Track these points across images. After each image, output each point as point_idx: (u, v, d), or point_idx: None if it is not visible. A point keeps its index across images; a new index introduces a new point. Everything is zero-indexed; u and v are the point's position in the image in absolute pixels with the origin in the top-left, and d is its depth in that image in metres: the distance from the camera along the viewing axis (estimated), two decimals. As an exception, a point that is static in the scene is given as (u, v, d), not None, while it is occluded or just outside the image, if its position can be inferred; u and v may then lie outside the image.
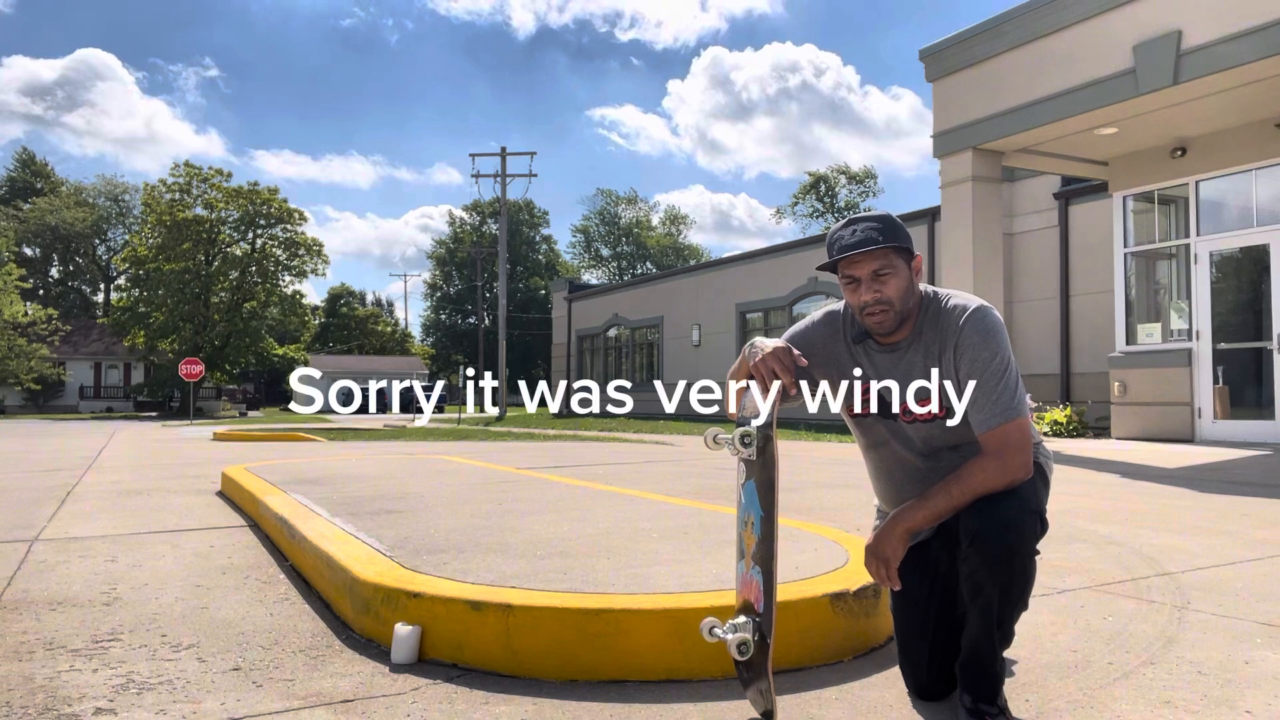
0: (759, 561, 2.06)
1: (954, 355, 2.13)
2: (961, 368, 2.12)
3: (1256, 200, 10.82)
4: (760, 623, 2.05)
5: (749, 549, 2.09)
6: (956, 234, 11.31)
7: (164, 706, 2.23)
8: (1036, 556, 2.05)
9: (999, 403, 2.07)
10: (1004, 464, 2.03)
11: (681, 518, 4.29)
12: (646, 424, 20.30)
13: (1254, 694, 2.24)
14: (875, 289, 2.12)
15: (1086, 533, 4.45)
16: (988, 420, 2.07)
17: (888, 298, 2.12)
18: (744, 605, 2.11)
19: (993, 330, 2.12)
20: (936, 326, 2.16)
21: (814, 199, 63.72)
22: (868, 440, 2.33)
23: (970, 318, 2.12)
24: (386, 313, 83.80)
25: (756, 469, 2.09)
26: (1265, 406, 10.65)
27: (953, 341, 2.13)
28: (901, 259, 2.13)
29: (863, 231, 2.12)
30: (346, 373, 60.79)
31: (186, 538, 4.69)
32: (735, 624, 2.07)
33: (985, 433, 2.07)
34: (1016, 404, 2.07)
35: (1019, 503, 2.02)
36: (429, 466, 7.70)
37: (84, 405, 54.08)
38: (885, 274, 2.12)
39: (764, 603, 2.05)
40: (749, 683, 2.12)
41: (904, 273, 2.14)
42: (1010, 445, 2.04)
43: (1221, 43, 8.66)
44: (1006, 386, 2.08)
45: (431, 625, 2.56)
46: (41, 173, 71.76)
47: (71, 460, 10.60)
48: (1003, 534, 1.99)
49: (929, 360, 2.16)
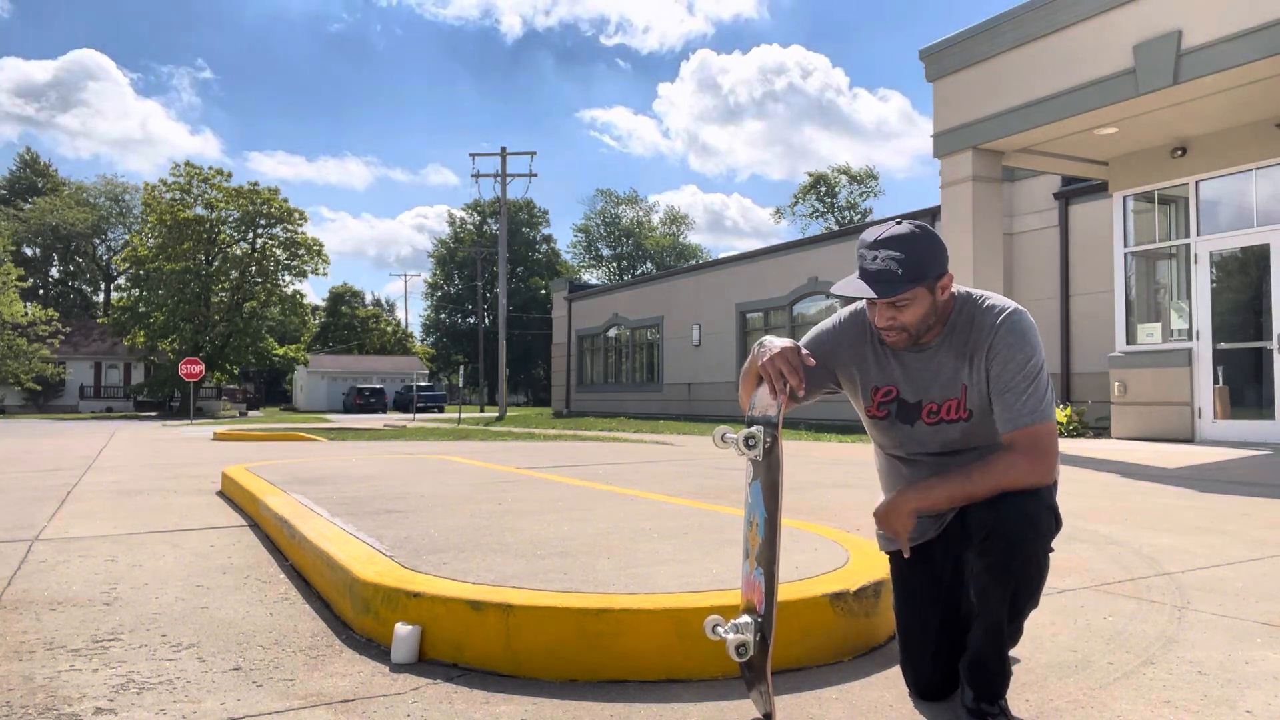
0: (762, 563, 2.05)
1: (986, 356, 2.10)
2: (994, 368, 2.09)
3: (1256, 200, 10.82)
4: (761, 624, 2.05)
5: (753, 549, 2.09)
6: (956, 234, 11.31)
7: (164, 706, 2.23)
8: (1050, 554, 2.03)
9: (1031, 403, 2.04)
10: (1033, 464, 2.01)
11: (682, 517, 4.29)
12: (646, 424, 20.30)
13: (1254, 694, 2.24)
14: (890, 315, 2.09)
15: (1086, 533, 4.45)
16: (1021, 419, 2.04)
17: (902, 324, 2.09)
18: (748, 606, 2.11)
19: (1028, 333, 2.10)
20: (971, 327, 2.13)
21: (814, 199, 63.73)
22: (882, 439, 2.31)
23: (1007, 319, 2.10)
24: (387, 313, 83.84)
25: (762, 470, 2.08)
26: (1265, 406, 10.65)
27: (987, 342, 2.10)
28: (924, 287, 2.06)
29: (883, 262, 2.03)
30: (347, 373, 60.85)
31: (187, 538, 4.69)
32: (737, 624, 2.06)
33: (1017, 430, 2.04)
34: (1046, 407, 2.06)
35: (1036, 499, 2.01)
36: (429, 466, 7.70)
37: (84, 405, 54.08)
38: (903, 304, 2.07)
39: (765, 604, 2.04)
40: (751, 684, 2.11)
41: (924, 300, 2.07)
42: (1041, 446, 2.02)
43: (1222, 43, 8.66)
44: (1039, 389, 2.06)
45: (431, 625, 2.56)
46: (43, 172, 71.78)
47: (71, 460, 10.60)
48: (1020, 530, 1.97)
49: (960, 360, 2.13)
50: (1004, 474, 2.00)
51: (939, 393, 2.15)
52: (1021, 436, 2.03)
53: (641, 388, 28.38)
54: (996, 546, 1.98)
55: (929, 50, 11.73)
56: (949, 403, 2.14)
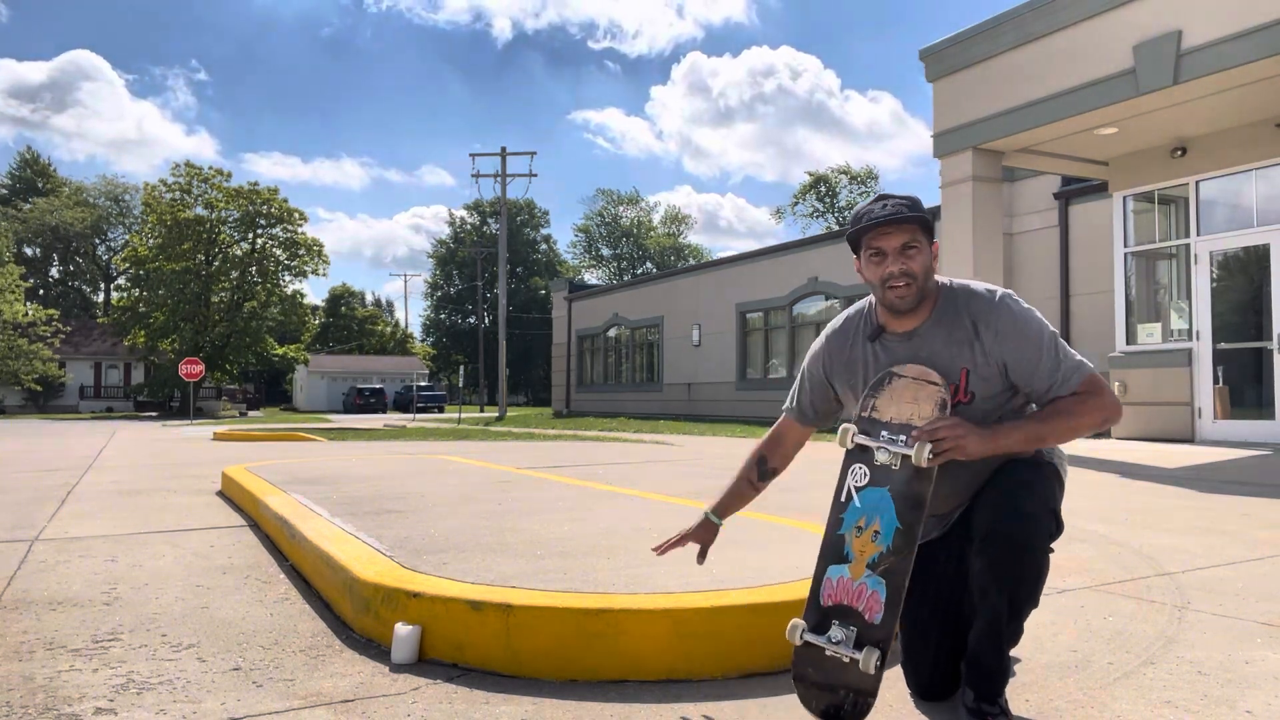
0: (882, 573, 2.02)
1: (995, 339, 2.11)
2: (1008, 355, 2.11)
3: (1257, 200, 10.81)
4: (877, 634, 2.01)
5: (861, 555, 2.04)
6: (956, 234, 11.31)
7: (164, 706, 2.23)
8: (1050, 554, 2.04)
9: (1070, 361, 2.11)
10: (1104, 403, 2.08)
11: (682, 517, 4.27)
12: (646, 424, 20.29)
13: (1254, 694, 2.24)
14: (902, 261, 2.12)
15: (1086, 533, 4.45)
16: (1072, 377, 2.10)
17: (913, 271, 2.12)
18: (835, 609, 2.04)
19: (1027, 308, 2.17)
20: (963, 311, 2.15)
21: (814, 199, 63.74)
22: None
23: (1004, 299, 2.16)
24: (386, 313, 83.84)
25: (902, 478, 2.04)
26: (1265, 406, 10.64)
27: (989, 321, 2.12)
28: (925, 237, 2.15)
29: (894, 206, 2.14)
30: (347, 373, 60.83)
31: (187, 537, 4.69)
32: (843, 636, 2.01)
33: (1077, 384, 2.10)
34: (1080, 362, 2.13)
35: (1036, 500, 2.02)
36: (429, 466, 7.70)
37: (84, 405, 54.06)
38: (912, 249, 2.12)
39: (884, 614, 2.00)
40: (822, 685, 2.05)
41: (928, 252, 2.15)
42: (1103, 388, 2.10)
43: (1222, 43, 8.66)
44: (1065, 351, 2.13)
45: (431, 625, 2.56)
46: (43, 172, 71.77)
47: (72, 460, 10.60)
48: (1019, 531, 1.98)
49: (951, 344, 2.14)
50: (1083, 416, 2.08)
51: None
52: (1085, 386, 2.10)
53: (641, 388, 28.37)
54: (996, 546, 1.98)
55: (929, 50, 11.72)
56: (949, 387, 2.14)
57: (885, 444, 2.06)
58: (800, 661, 2.07)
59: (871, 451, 2.09)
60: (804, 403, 2.40)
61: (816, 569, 2.11)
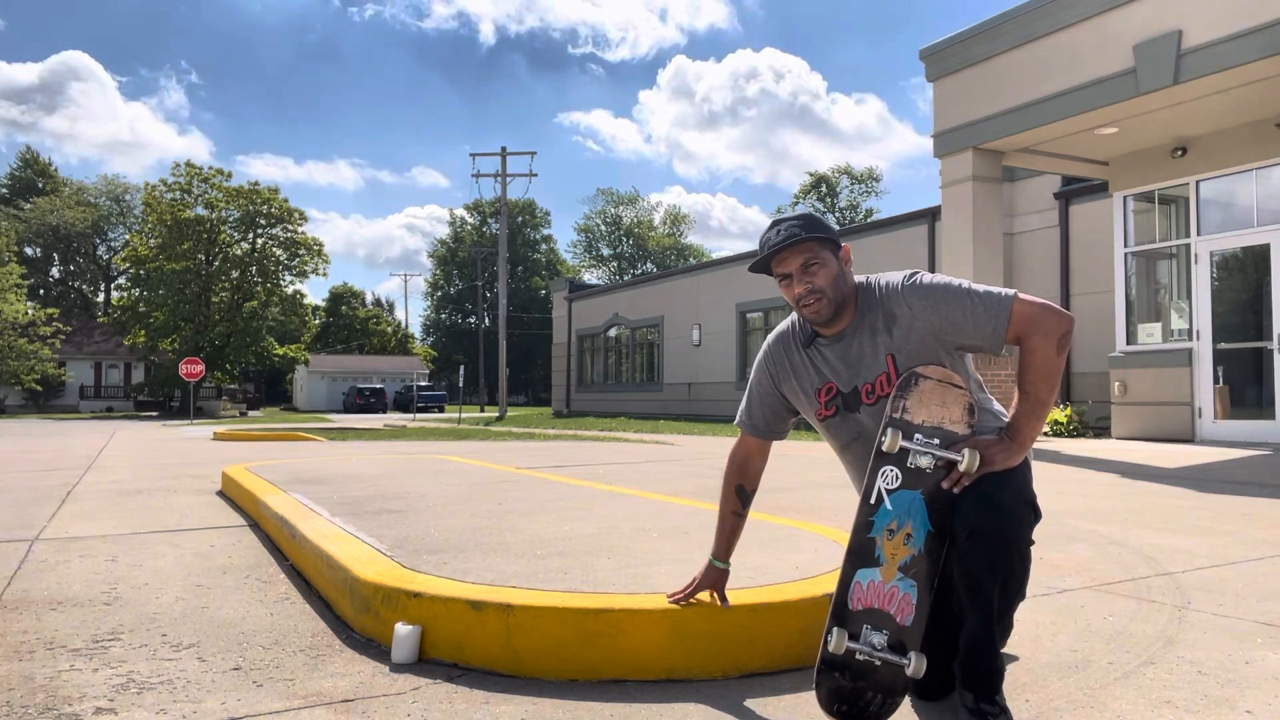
0: (915, 576, 2.03)
1: (910, 318, 2.18)
2: (930, 321, 2.16)
3: (1257, 200, 10.81)
4: (905, 635, 2.03)
5: (893, 558, 2.05)
6: (957, 234, 11.31)
7: (164, 706, 2.23)
8: (1031, 546, 2.09)
9: (986, 301, 2.13)
10: (1046, 328, 2.09)
11: (682, 517, 4.29)
12: (647, 424, 20.29)
13: (1254, 694, 2.24)
14: (806, 280, 2.21)
15: (1086, 533, 4.45)
16: (998, 320, 2.11)
17: (819, 286, 2.21)
18: (866, 613, 2.05)
19: (936, 276, 2.21)
20: (876, 305, 2.23)
21: (814, 199, 63.77)
22: (839, 441, 2.37)
23: (910, 279, 2.22)
24: (387, 312, 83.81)
25: (933, 482, 2.06)
26: (1265, 406, 10.65)
27: (900, 303, 2.19)
28: (828, 250, 2.22)
29: (786, 230, 2.22)
30: (347, 373, 60.84)
31: (187, 537, 4.69)
32: (881, 641, 2.02)
33: (1006, 329, 2.11)
34: (1000, 293, 2.14)
35: (1013, 494, 2.06)
36: (429, 466, 7.70)
37: (84, 405, 54.07)
38: (813, 265, 2.20)
39: (914, 616, 2.03)
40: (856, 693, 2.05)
41: (832, 263, 2.22)
42: (1034, 314, 2.10)
43: (1222, 42, 8.66)
44: (978, 291, 2.15)
45: (432, 625, 2.56)
46: (44, 172, 71.77)
47: (72, 460, 10.60)
48: (1001, 528, 2.02)
49: (876, 336, 2.22)
50: (1043, 359, 2.09)
51: (868, 372, 2.24)
52: (1016, 327, 2.11)
53: (642, 388, 28.38)
54: (978, 546, 2.02)
55: (929, 50, 11.72)
56: (879, 378, 2.22)
57: (929, 449, 2.07)
58: (827, 665, 2.07)
59: (907, 454, 2.09)
60: (756, 416, 2.45)
61: (843, 572, 2.11)
